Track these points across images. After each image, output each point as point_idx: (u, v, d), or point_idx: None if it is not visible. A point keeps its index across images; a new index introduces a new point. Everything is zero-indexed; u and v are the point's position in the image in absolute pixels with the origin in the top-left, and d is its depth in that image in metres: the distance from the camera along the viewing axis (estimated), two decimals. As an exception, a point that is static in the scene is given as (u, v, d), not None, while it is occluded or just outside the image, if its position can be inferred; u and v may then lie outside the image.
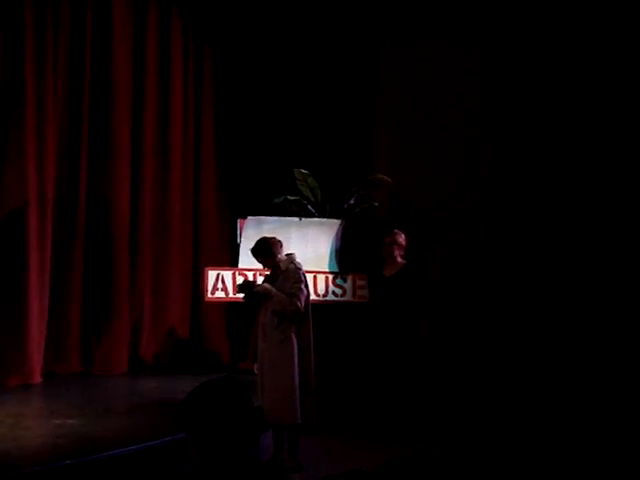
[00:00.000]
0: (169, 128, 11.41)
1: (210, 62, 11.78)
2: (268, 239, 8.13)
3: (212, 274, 10.33)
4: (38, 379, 9.76)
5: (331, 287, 10.51)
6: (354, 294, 10.54)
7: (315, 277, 10.30)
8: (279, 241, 8.15)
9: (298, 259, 8.25)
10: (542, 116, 10.59)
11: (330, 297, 10.50)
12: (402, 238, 9.72)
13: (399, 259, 9.69)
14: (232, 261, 10.93)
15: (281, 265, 8.07)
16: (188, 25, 11.55)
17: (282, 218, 10.28)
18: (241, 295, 8.40)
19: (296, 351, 7.89)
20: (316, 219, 10.67)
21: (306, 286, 8.13)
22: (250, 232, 9.83)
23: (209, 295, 10.36)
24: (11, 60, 9.76)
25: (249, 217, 10.34)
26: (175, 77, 11.43)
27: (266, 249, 8.04)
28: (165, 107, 11.37)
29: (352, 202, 10.87)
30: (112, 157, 10.77)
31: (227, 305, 11.13)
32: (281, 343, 7.89)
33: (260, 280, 9.10)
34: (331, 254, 10.60)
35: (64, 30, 10.30)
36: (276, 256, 8.01)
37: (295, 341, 7.92)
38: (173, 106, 11.42)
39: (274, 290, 7.95)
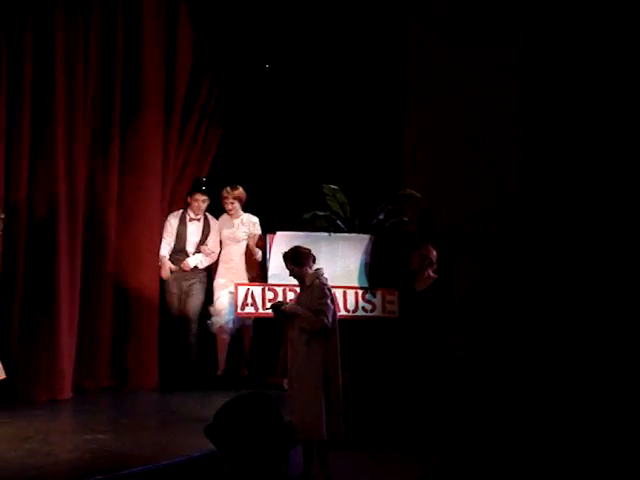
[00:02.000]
0: (198, 139, 11.43)
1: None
2: (303, 249, 8.23)
3: (242, 289, 10.34)
4: (69, 394, 9.77)
5: (361, 302, 10.49)
6: (384, 309, 10.52)
7: (345, 292, 10.29)
8: (313, 255, 8.19)
9: (327, 274, 8.25)
10: (575, 135, 10.56)
11: (360, 312, 10.48)
12: (433, 252, 9.69)
13: (430, 274, 9.66)
14: (261, 276, 10.93)
15: (306, 280, 8.08)
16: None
17: (311, 233, 10.27)
18: (271, 312, 8.46)
19: (322, 367, 7.88)
20: (345, 234, 10.65)
21: (332, 301, 8.11)
22: (280, 247, 9.82)
23: (239, 310, 10.38)
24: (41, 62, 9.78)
25: (278, 232, 10.34)
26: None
27: (298, 257, 8.07)
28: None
29: (381, 217, 10.84)
30: (142, 173, 10.77)
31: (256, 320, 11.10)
32: (308, 358, 7.88)
33: (290, 296, 9.11)
34: (360, 269, 10.59)
35: (95, 32, 10.30)
36: (305, 267, 8.01)
37: (321, 357, 7.91)
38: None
39: (300, 309, 7.97)
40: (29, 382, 9.55)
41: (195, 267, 10.90)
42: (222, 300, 10.86)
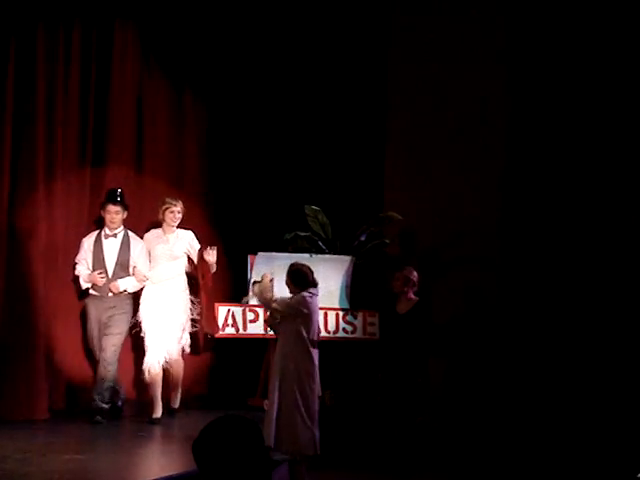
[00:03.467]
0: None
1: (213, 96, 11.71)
2: (309, 271, 8.05)
3: (222, 310, 10.32)
4: (46, 415, 9.69)
5: (341, 324, 10.50)
6: (365, 331, 10.54)
7: (326, 314, 10.29)
8: (315, 284, 8.05)
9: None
10: (555, 154, 10.59)
11: (340, 334, 10.50)
12: (414, 274, 9.69)
13: (411, 295, 9.65)
14: (237, 297, 10.87)
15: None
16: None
17: (293, 254, 10.25)
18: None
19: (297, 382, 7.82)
20: (327, 255, 10.66)
21: (308, 313, 7.95)
22: (261, 268, 9.81)
23: (220, 332, 10.33)
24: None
25: (260, 253, 10.32)
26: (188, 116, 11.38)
27: (299, 278, 7.97)
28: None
29: (363, 239, 10.86)
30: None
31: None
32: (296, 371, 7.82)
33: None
34: (342, 290, 10.59)
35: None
36: (296, 288, 7.93)
37: (294, 372, 7.84)
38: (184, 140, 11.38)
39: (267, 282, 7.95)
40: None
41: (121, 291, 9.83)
42: (155, 342, 9.88)
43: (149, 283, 9.94)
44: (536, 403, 10.07)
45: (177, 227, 10.15)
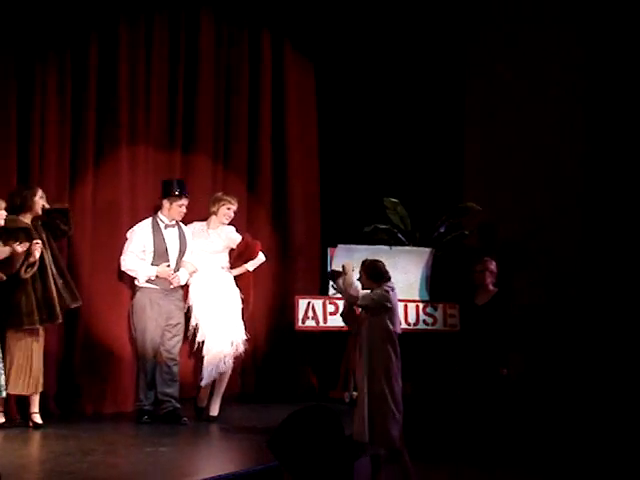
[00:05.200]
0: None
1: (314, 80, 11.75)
2: (384, 267, 8.00)
3: (303, 303, 10.36)
4: (131, 407, 9.82)
5: (422, 316, 10.49)
6: (445, 323, 10.52)
7: (406, 306, 10.29)
8: (389, 278, 8.00)
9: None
10: (636, 151, 10.45)
11: (421, 326, 10.50)
12: (493, 266, 9.62)
13: (491, 287, 9.60)
14: (322, 289, 10.92)
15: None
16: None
17: (372, 246, 10.28)
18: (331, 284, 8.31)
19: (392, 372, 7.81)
20: (406, 247, 10.67)
21: (392, 307, 7.93)
22: (340, 260, 9.81)
23: (299, 324, 10.37)
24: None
25: (339, 245, 10.34)
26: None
27: (376, 273, 7.95)
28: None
29: (442, 230, 10.85)
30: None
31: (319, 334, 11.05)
32: (384, 362, 7.81)
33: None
34: (421, 282, 10.59)
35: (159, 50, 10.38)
36: (374, 283, 7.91)
37: (382, 367, 7.83)
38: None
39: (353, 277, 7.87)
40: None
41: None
42: (214, 341, 9.46)
43: (195, 275, 9.57)
44: (617, 398, 9.94)
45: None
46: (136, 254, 9.33)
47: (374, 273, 7.88)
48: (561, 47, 10.97)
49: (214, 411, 9.47)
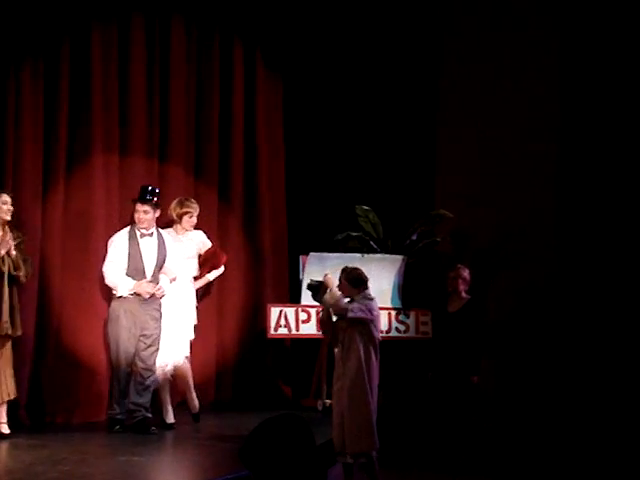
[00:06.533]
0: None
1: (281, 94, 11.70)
2: (363, 273, 7.96)
3: (275, 311, 10.35)
4: (103, 417, 9.77)
5: (394, 323, 10.51)
6: (417, 330, 10.54)
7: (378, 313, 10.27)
8: (367, 285, 8.00)
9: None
10: (612, 149, 10.50)
11: (393, 333, 10.50)
12: (466, 273, 9.65)
13: (463, 294, 9.62)
14: (292, 297, 10.91)
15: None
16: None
17: (345, 254, 10.29)
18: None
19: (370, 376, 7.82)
20: (378, 255, 10.67)
21: (372, 317, 7.94)
22: (312, 268, 9.84)
23: (272, 332, 10.36)
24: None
25: (312, 253, 10.34)
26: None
27: (358, 279, 7.95)
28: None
29: (414, 238, 10.86)
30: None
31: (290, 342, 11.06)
32: (360, 368, 7.81)
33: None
34: (394, 290, 10.60)
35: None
36: (354, 289, 7.91)
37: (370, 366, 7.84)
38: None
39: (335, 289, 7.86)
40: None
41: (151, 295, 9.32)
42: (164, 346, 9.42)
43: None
44: (590, 403, 9.98)
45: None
46: (116, 263, 9.25)
47: (356, 280, 7.90)
48: (537, 50, 10.97)
49: (169, 419, 9.43)
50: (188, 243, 9.71)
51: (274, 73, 11.49)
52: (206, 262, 9.82)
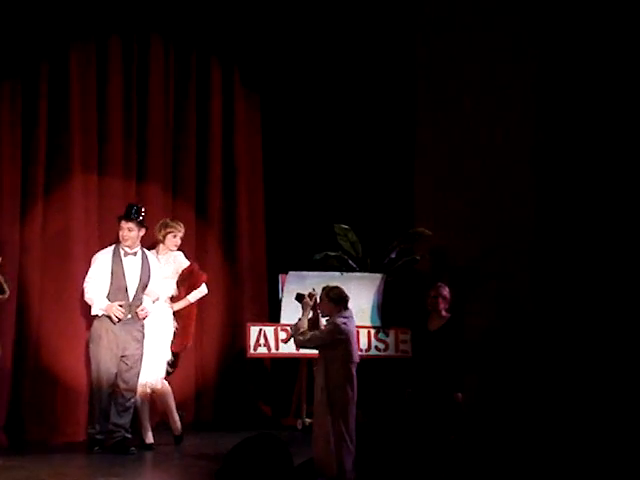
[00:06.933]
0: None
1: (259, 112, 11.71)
2: (344, 291, 8.00)
3: (254, 330, 10.34)
4: (83, 437, 9.74)
5: (374, 342, 10.52)
6: (397, 349, 10.54)
7: (357, 332, 10.23)
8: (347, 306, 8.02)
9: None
10: (591, 164, 10.53)
11: (373, 352, 10.50)
12: (446, 291, 9.65)
13: (444, 312, 9.62)
14: (271, 316, 10.91)
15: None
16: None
17: (324, 273, 10.29)
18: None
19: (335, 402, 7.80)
20: (357, 274, 10.68)
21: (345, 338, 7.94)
22: (292, 287, 9.82)
23: (251, 351, 10.35)
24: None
25: (290, 272, 10.35)
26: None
27: (339, 297, 7.96)
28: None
29: (393, 256, 10.88)
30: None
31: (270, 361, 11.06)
32: (324, 392, 7.81)
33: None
34: (373, 309, 10.61)
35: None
36: (335, 307, 7.92)
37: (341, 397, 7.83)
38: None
39: (307, 314, 7.90)
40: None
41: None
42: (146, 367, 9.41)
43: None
44: (572, 418, 10.00)
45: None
46: (97, 280, 9.17)
47: (338, 298, 7.92)
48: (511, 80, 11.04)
49: (148, 439, 9.39)
50: (164, 263, 9.64)
51: (252, 92, 11.51)
52: (183, 282, 9.76)
